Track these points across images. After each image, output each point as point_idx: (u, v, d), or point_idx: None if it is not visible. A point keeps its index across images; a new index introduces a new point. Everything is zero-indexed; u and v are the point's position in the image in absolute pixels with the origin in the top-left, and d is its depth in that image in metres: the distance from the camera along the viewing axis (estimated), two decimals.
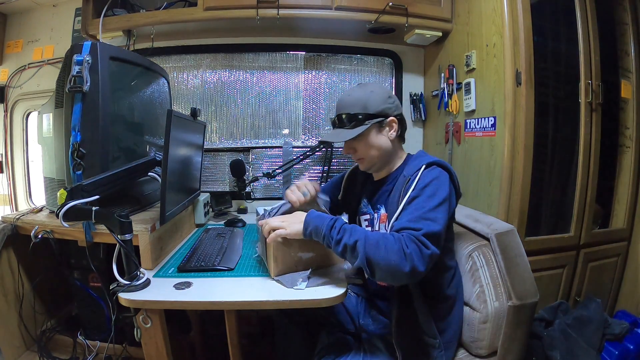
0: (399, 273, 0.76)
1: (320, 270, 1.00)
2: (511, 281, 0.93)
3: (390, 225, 0.88)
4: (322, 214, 0.93)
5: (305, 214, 0.94)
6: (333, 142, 1.06)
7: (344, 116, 1.01)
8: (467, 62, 1.55)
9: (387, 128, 1.02)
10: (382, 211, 1.05)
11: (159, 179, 1.16)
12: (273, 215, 1.05)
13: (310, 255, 1.00)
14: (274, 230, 0.93)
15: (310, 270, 0.98)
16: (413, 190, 0.88)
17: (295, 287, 0.93)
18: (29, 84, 1.99)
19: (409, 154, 1.10)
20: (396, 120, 1.02)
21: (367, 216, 1.13)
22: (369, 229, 1.10)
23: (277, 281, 0.97)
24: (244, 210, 1.91)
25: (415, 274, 0.76)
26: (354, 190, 1.21)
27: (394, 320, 0.94)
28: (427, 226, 0.80)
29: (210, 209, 1.72)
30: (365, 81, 2.02)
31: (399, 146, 1.08)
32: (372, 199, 1.11)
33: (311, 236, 0.90)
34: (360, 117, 0.99)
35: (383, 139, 1.02)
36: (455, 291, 1.02)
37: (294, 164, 1.87)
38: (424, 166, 0.92)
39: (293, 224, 0.93)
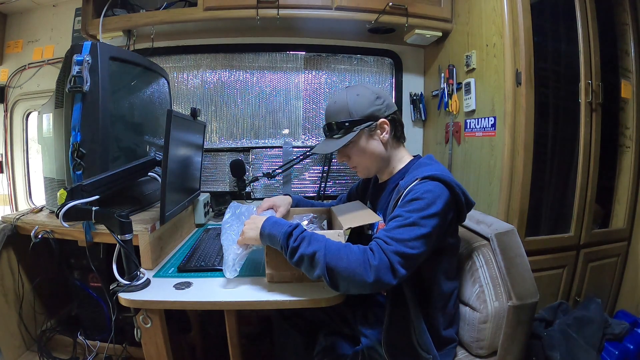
0: (362, 283, 0.73)
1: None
2: (511, 281, 0.93)
3: None
4: (279, 220, 0.87)
5: (264, 218, 0.89)
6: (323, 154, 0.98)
7: (333, 125, 0.97)
8: (467, 62, 1.55)
9: (379, 131, 0.96)
10: (382, 220, 1.00)
11: (159, 179, 1.16)
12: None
13: None
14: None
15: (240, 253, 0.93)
16: (400, 205, 0.82)
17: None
18: (29, 84, 1.99)
19: (415, 157, 1.03)
20: (387, 122, 0.96)
21: None
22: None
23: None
24: None
25: (381, 285, 0.73)
26: (365, 193, 1.18)
27: (385, 327, 0.89)
28: (398, 247, 0.75)
29: (210, 209, 1.72)
30: (365, 81, 2.02)
31: (397, 147, 1.02)
32: (375, 204, 1.09)
33: (268, 243, 0.87)
34: (347, 124, 0.94)
35: (375, 143, 0.97)
36: (455, 306, 0.99)
37: (294, 164, 1.87)
38: (417, 180, 0.84)
39: (250, 230, 0.90)
